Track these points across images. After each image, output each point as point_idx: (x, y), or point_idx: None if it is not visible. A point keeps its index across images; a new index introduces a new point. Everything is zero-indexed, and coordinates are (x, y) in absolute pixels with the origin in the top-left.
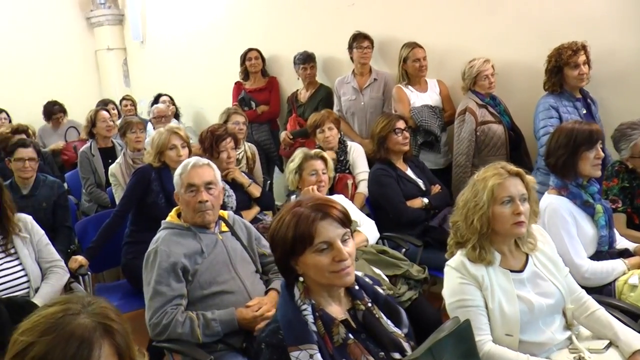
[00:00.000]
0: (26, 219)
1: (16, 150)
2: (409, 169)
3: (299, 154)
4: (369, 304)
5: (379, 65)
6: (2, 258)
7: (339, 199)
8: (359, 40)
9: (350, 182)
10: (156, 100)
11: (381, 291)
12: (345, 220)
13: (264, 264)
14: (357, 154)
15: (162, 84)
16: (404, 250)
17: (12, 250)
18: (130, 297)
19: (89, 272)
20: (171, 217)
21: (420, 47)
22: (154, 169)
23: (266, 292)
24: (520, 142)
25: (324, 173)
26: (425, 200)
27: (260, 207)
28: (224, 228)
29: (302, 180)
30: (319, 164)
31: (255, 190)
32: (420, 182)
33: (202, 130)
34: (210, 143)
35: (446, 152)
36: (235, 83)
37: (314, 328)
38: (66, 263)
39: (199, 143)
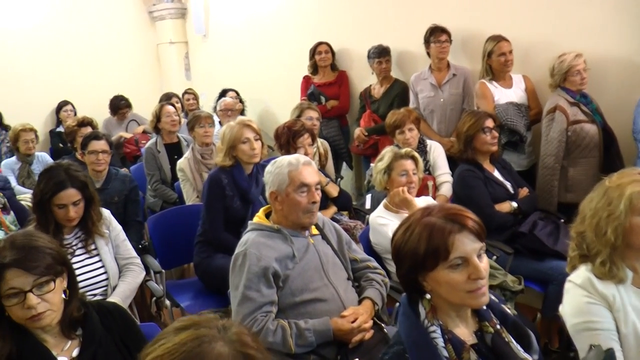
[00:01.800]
0: (105, 214)
1: (90, 142)
2: (496, 170)
3: (388, 152)
4: (498, 326)
5: (457, 59)
6: (83, 254)
7: (426, 201)
8: (437, 34)
9: (430, 183)
10: (222, 94)
11: (509, 311)
12: (482, 233)
13: (354, 269)
14: (438, 154)
15: (224, 78)
16: (494, 257)
17: (93, 247)
18: (201, 297)
19: (162, 270)
20: (259, 217)
21: (506, 40)
22: (224, 172)
23: (360, 301)
24: (611, 143)
25: (414, 174)
26: (514, 204)
27: (337, 207)
28: (314, 231)
29: (391, 181)
30: (409, 164)
31: (333, 190)
32: (508, 185)
33: (265, 126)
34: (287, 139)
35: (530, 152)
36: (304, 77)
37: (444, 353)
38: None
39: (275, 139)
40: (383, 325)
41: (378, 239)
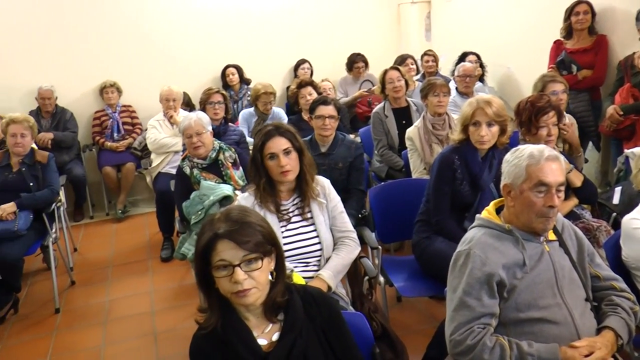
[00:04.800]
0: (324, 183)
1: (317, 107)
2: None
3: None
4: None
5: None
6: (299, 222)
7: None
8: None
9: None
10: (462, 58)
11: None
12: None
13: (595, 289)
14: None
15: (465, 40)
16: None
17: (309, 215)
18: (416, 279)
19: (379, 247)
20: (488, 212)
21: None
22: (457, 152)
23: (598, 331)
24: None
25: None
26: None
27: (579, 200)
28: (552, 236)
29: None
30: None
31: (576, 179)
32: None
33: (506, 93)
34: (529, 116)
35: None
36: (555, 42)
37: None
38: (355, 227)
39: (515, 115)
40: None
41: (633, 250)
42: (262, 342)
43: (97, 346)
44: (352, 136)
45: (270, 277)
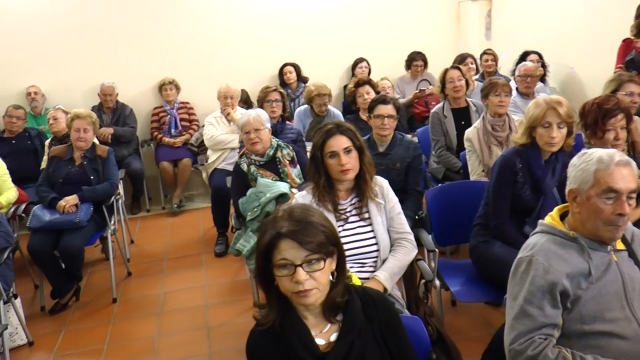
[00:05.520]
0: (382, 183)
1: (376, 106)
2: None
3: None
4: None
5: None
6: (356, 222)
7: None
8: None
9: None
10: (523, 58)
11: None
12: None
13: None
14: None
15: (526, 39)
16: None
17: (367, 215)
18: (473, 284)
19: (436, 250)
20: (552, 218)
21: None
22: (519, 154)
23: None
24: None
25: None
26: None
27: None
28: (620, 245)
29: None
30: None
31: None
32: None
33: (568, 94)
34: (595, 118)
35: None
36: (624, 40)
37: None
38: (411, 229)
39: (580, 117)
40: None
41: None
42: (319, 341)
43: (151, 336)
44: (409, 136)
45: (330, 277)
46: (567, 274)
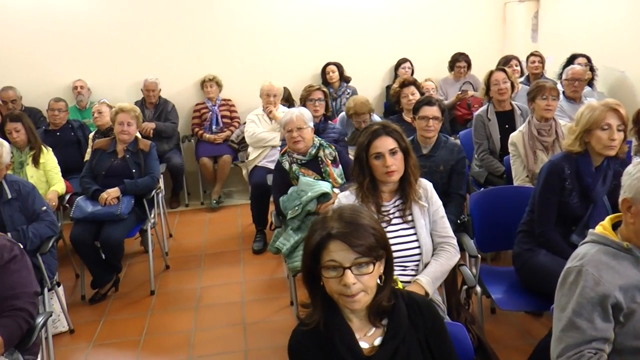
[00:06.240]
0: (426, 186)
1: (421, 107)
2: None
3: None
4: None
5: None
6: (399, 224)
7: None
8: None
9: None
10: (570, 61)
11: None
12: None
13: None
14: None
15: (574, 41)
16: None
17: (410, 218)
18: (516, 293)
19: (478, 255)
20: (603, 227)
21: None
22: (568, 160)
23: None
24: None
25: None
26: None
27: None
28: None
29: None
30: None
31: None
32: None
33: (617, 99)
34: None
35: None
36: None
37: None
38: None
39: (634, 123)
40: None
41: None
42: (363, 345)
43: (188, 330)
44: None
45: (378, 281)
46: (620, 287)
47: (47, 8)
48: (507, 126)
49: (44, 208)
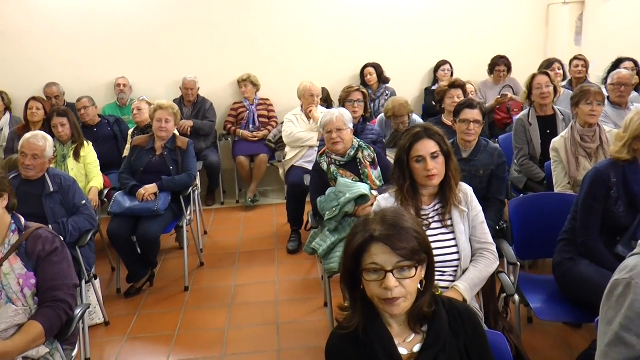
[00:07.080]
0: (467, 191)
1: (462, 110)
2: None
3: None
4: None
5: None
6: (438, 229)
7: None
8: None
9: None
10: (616, 65)
11: None
12: None
13: None
14: None
15: (621, 45)
16: None
17: (449, 222)
18: (555, 303)
19: (518, 263)
20: None
21: None
22: (615, 168)
23: None
24: None
25: None
26: None
27: None
28: None
29: None
30: None
31: None
32: None
33: None
34: None
35: None
36: None
37: None
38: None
39: None
40: None
41: None
42: (402, 351)
43: (221, 328)
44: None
45: (419, 286)
46: None
47: (92, 11)
48: (548, 131)
49: (84, 202)
